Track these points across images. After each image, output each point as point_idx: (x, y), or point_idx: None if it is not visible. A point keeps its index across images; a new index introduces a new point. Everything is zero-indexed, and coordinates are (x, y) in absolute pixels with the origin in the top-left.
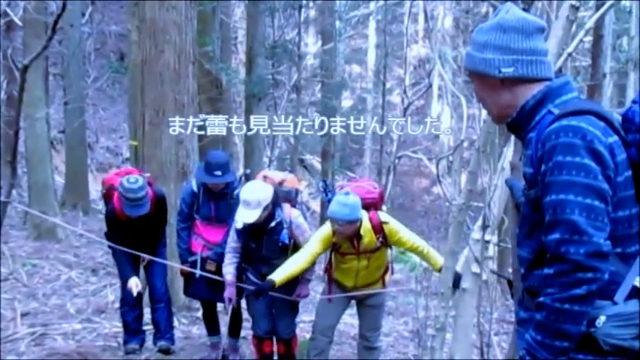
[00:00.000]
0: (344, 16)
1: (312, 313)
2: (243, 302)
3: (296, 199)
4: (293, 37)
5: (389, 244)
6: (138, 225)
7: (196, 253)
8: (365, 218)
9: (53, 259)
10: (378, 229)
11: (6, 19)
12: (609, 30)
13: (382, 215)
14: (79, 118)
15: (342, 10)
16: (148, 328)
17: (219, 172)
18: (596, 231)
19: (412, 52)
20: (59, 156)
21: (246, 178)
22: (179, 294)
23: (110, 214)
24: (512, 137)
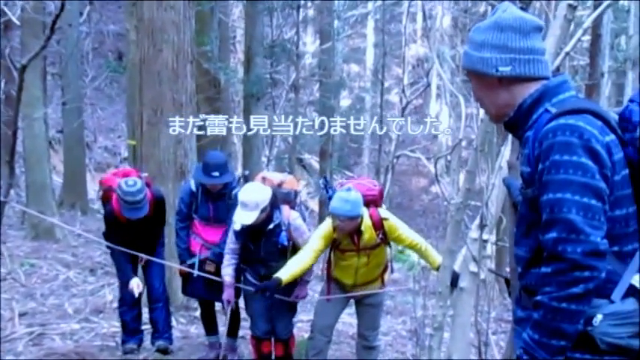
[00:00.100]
0: (342, 16)
1: (310, 312)
2: (241, 302)
3: (295, 201)
4: (291, 37)
5: (388, 241)
6: (137, 226)
7: (195, 252)
8: (365, 215)
9: (51, 259)
10: (378, 225)
11: (4, 19)
12: (607, 29)
13: (382, 212)
14: (77, 117)
15: (340, 9)
16: (146, 327)
17: (217, 173)
18: (593, 230)
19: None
20: (57, 156)
21: (245, 179)
22: (177, 294)
23: (109, 215)
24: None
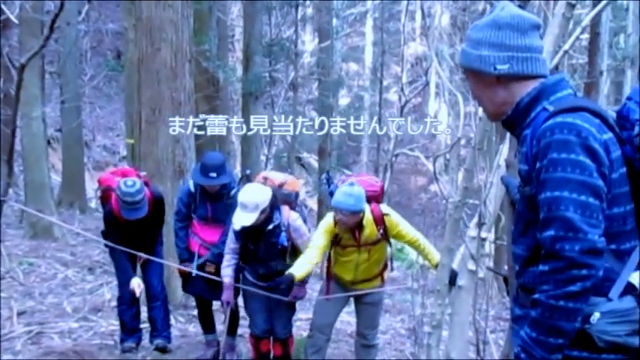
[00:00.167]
0: (341, 14)
1: (309, 311)
2: (240, 301)
3: (296, 202)
4: (290, 35)
5: (389, 237)
6: (136, 226)
7: (194, 252)
8: (367, 210)
9: (50, 258)
10: (380, 220)
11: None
12: (606, 27)
13: (383, 207)
14: (75, 116)
15: (339, 7)
16: (144, 326)
17: (215, 174)
18: (590, 228)
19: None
20: (56, 154)
21: (247, 178)
22: (176, 292)
23: (108, 215)
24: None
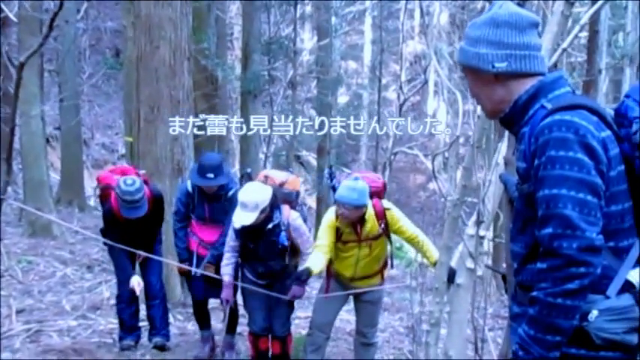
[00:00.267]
0: (340, 12)
1: (307, 309)
2: (239, 299)
3: (296, 201)
4: (289, 34)
5: (389, 233)
6: (136, 224)
7: (192, 251)
8: (369, 205)
9: (48, 256)
10: (381, 215)
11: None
12: (605, 26)
13: (385, 202)
14: (74, 114)
15: (337, 6)
16: (143, 324)
17: (212, 175)
18: (588, 225)
19: (408, 48)
20: (55, 153)
21: (248, 177)
22: (174, 291)
23: (108, 213)
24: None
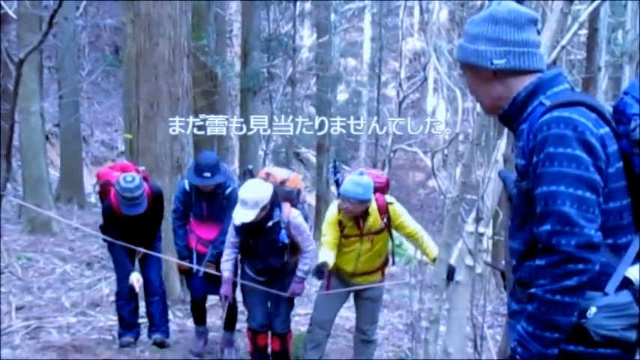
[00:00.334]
0: (339, 9)
1: (307, 306)
2: (238, 296)
3: (297, 199)
4: (288, 31)
5: (391, 228)
6: (135, 221)
7: (192, 249)
8: (372, 199)
9: (48, 253)
10: (384, 209)
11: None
12: (604, 23)
13: (388, 197)
14: (73, 111)
15: (337, 3)
16: (142, 321)
17: (209, 174)
18: (587, 222)
19: (407, 46)
20: (54, 149)
21: (249, 174)
22: (174, 287)
23: (108, 210)
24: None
